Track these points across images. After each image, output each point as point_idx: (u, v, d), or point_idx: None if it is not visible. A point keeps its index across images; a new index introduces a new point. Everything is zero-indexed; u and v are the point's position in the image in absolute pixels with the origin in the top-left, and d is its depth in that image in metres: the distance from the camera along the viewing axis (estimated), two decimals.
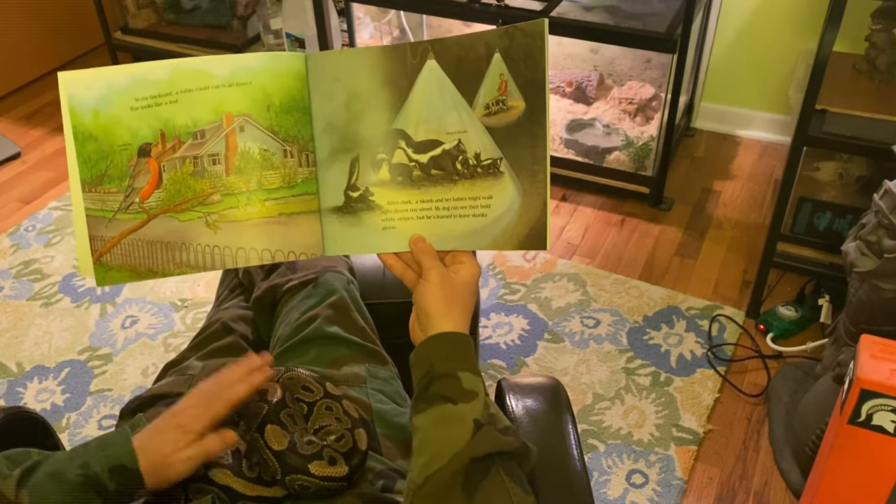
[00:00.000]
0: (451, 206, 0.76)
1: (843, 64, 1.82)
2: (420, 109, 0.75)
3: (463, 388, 0.70)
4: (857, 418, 1.20)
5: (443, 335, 0.73)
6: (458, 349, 0.73)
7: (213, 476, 0.76)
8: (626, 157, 2.28)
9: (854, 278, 1.44)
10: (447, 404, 0.70)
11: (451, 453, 0.67)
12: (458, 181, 0.75)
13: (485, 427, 0.68)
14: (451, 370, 0.71)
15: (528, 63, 0.71)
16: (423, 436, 0.70)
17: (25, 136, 2.70)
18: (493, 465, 0.67)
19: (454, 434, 0.68)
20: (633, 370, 1.77)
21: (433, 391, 0.71)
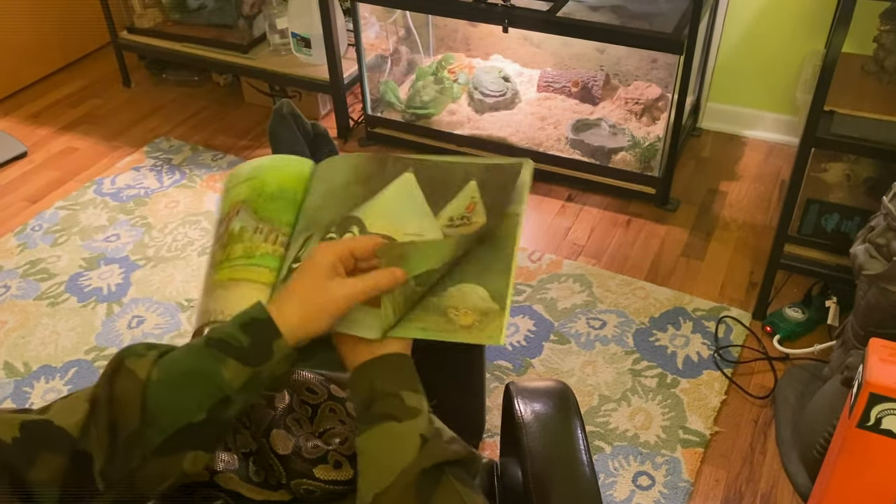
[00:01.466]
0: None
1: (851, 65, 1.81)
2: (383, 206, 0.81)
3: (406, 406, 0.69)
4: (866, 422, 1.19)
5: (381, 358, 0.72)
6: (397, 369, 0.72)
7: (219, 481, 0.76)
8: (632, 158, 2.27)
9: (863, 281, 1.43)
10: (391, 422, 0.68)
11: (400, 468, 0.66)
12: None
13: (431, 440, 0.68)
14: (392, 389, 0.70)
15: (501, 194, 0.77)
16: (368, 456, 0.69)
17: (32, 135, 2.71)
18: (442, 475, 0.67)
19: (401, 450, 0.67)
20: (639, 372, 1.77)
21: (375, 411, 0.69)
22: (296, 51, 2.56)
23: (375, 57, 2.56)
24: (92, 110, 2.85)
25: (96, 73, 3.07)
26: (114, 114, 2.83)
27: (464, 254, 0.77)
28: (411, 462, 0.66)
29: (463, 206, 0.78)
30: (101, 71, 3.08)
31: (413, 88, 2.55)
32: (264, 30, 2.65)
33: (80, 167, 2.54)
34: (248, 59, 2.62)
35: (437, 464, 0.67)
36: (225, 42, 2.67)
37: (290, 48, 2.59)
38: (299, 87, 2.65)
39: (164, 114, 2.82)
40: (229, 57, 2.64)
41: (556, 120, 2.41)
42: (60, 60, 3.07)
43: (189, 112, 2.83)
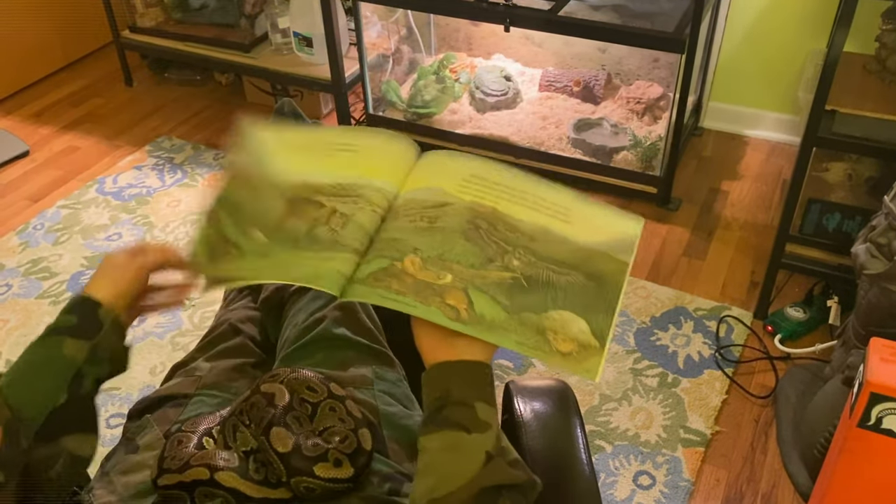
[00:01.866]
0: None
1: (853, 64, 1.81)
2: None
3: (478, 418, 0.69)
4: (867, 422, 1.19)
5: (462, 362, 0.71)
6: (476, 378, 0.71)
7: (219, 479, 0.76)
8: (634, 157, 2.27)
9: (864, 281, 1.43)
10: (461, 432, 0.69)
11: (462, 482, 0.66)
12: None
13: (495, 459, 0.68)
14: (467, 398, 0.70)
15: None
16: (431, 459, 0.69)
17: (34, 134, 2.71)
18: (499, 497, 0.67)
19: (464, 463, 0.67)
20: (640, 371, 1.77)
21: (446, 415, 0.69)
22: (298, 50, 2.57)
23: (377, 56, 2.56)
24: (94, 109, 2.86)
25: (98, 73, 3.07)
26: (116, 113, 2.83)
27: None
28: (472, 478, 0.66)
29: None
30: (103, 70, 3.08)
31: (415, 88, 2.55)
32: (266, 29, 2.65)
33: (81, 166, 2.55)
34: (250, 58, 2.62)
35: (498, 486, 0.67)
36: (227, 41, 2.67)
37: (292, 47, 2.59)
38: (301, 86, 2.65)
39: (166, 113, 2.82)
40: (231, 56, 2.64)
41: (558, 119, 2.41)
42: (62, 59, 3.08)
43: (191, 111, 2.83)
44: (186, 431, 0.83)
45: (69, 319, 0.77)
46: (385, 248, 0.75)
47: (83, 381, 0.76)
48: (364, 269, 0.75)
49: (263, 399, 0.81)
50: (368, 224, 0.77)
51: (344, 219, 0.77)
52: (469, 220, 0.75)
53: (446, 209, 0.76)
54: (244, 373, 1.02)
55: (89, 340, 0.76)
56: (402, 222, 0.77)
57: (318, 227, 0.77)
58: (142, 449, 0.89)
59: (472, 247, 0.74)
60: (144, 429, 0.92)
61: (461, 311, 0.71)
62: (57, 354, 0.75)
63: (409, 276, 0.73)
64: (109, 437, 1.65)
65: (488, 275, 0.72)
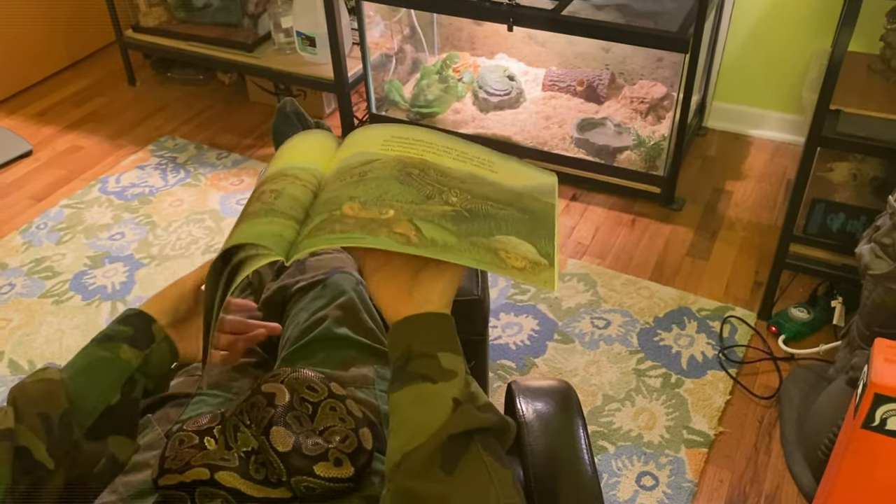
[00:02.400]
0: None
1: (857, 64, 1.80)
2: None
3: (442, 368, 0.68)
4: (871, 423, 1.19)
5: (421, 316, 0.70)
6: (437, 328, 0.70)
7: (219, 479, 0.76)
8: (638, 157, 2.26)
9: (868, 281, 1.42)
10: (425, 383, 0.68)
11: (430, 431, 0.66)
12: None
13: (463, 405, 0.67)
14: (429, 350, 0.69)
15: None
16: (400, 415, 0.69)
17: (37, 133, 2.71)
18: (471, 442, 0.66)
19: (432, 412, 0.67)
20: (643, 371, 1.76)
21: (411, 370, 0.69)
22: (300, 49, 2.56)
23: (380, 56, 2.56)
24: (97, 109, 2.86)
25: (101, 72, 3.08)
26: (119, 112, 2.84)
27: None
28: (440, 426, 0.66)
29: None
30: (107, 69, 3.08)
31: (417, 87, 2.54)
32: (269, 28, 2.65)
33: (84, 165, 2.55)
34: (252, 57, 2.62)
35: (468, 431, 0.66)
36: (230, 41, 2.67)
37: (295, 47, 2.59)
38: (304, 85, 2.65)
39: (169, 112, 2.83)
40: (234, 56, 2.64)
41: (561, 119, 2.40)
42: (66, 59, 3.08)
43: (194, 111, 2.84)
44: (188, 431, 0.83)
45: (125, 330, 0.82)
46: (320, 208, 0.73)
47: (135, 386, 0.80)
48: (304, 230, 0.73)
49: (264, 399, 0.81)
50: (301, 195, 0.75)
51: (275, 193, 0.76)
52: (400, 169, 0.73)
53: (374, 164, 0.74)
54: (245, 372, 1.02)
55: (143, 350, 0.81)
56: (334, 185, 0.75)
57: (252, 205, 0.77)
58: (143, 448, 0.89)
59: (408, 188, 0.72)
60: (146, 428, 0.92)
61: (411, 236, 0.70)
62: (116, 357, 0.79)
63: (350, 217, 0.71)
64: None
65: (430, 208, 0.71)
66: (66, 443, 0.73)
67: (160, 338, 0.83)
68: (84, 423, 0.75)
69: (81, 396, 0.76)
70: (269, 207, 0.75)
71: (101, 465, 0.76)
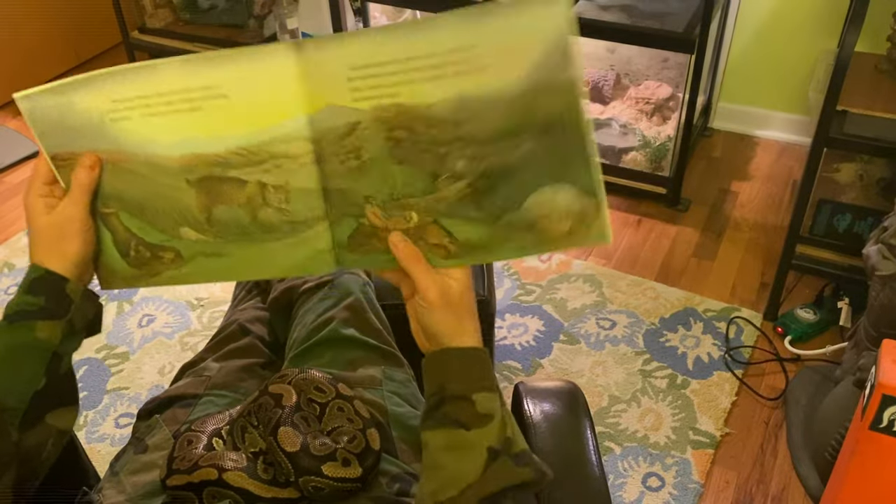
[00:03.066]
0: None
1: (864, 64, 1.80)
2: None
3: (477, 412, 0.66)
4: (879, 424, 1.18)
5: (455, 350, 0.68)
6: (472, 367, 0.68)
7: (227, 479, 0.76)
8: (643, 158, 2.26)
9: (875, 282, 1.42)
10: (460, 430, 0.66)
11: (464, 485, 0.65)
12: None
13: (500, 457, 0.65)
14: (464, 392, 0.67)
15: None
16: (434, 459, 0.68)
17: None
18: (504, 500, 0.66)
19: (467, 463, 0.65)
20: (649, 372, 1.76)
21: (445, 411, 0.67)
22: None
23: None
24: None
25: None
26: None
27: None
28: (475, 480, 0.65)
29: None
30: None
31: None
32: (275, 30, 2.66)
33: None
34: None
35: (503, 489, 0.66)
36: (235, 42, 2.67)
37: None
38: None
39: None
40: None
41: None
42: (73, 60, 3.09)
43: None
44: (196, 431, 0.83)
45: (35, 301, 0.71)
46: (342, 204, 0.68)
47: (62, 360, 0.73)
48: (339, 232, 0.69)
49: (271, 400, 0.81)
50: (308, 181, 0.67)
51: (281, 192, 0.68)
52: (386, 136, 0.63)
53: (358, 134, 0.64)
54: (253, 373, 1.02)
55: (62, 319, 0.72)
56: (335, 165, 0.66)
57: (261, 211, 0.69)
58: (151, 449, 0.89)
59: (409, 168, 0.64)
60: (153, 429, 0.92)
61: (447, 245, 0.67)
62: (30, 340, 0.71)
63: (381, 230, 0.68)
64: (118, 436, 1.66)
65: (445, 195, 0.65)
66: (6, 445, 0.68)
67: (79, 297, 0.73)
68: (15, 421, 0.70)
69: (3, 394, 0.70)
70: (289, 218, 0.69)
71: (48, 450, 0.73)
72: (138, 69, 0.66)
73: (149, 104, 0.67)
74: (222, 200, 0.70)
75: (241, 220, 0.70)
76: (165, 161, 0.68)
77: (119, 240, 0.75)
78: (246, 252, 0.72)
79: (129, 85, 0.67)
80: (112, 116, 0.68)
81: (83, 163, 0.71)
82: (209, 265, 0.74)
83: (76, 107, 0.69)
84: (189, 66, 0.64)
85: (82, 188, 0.72)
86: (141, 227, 0.74)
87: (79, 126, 0.69)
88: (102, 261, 0.77)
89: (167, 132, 0.67)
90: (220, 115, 0.65)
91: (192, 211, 0.71)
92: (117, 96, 0.68)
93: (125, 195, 0.72)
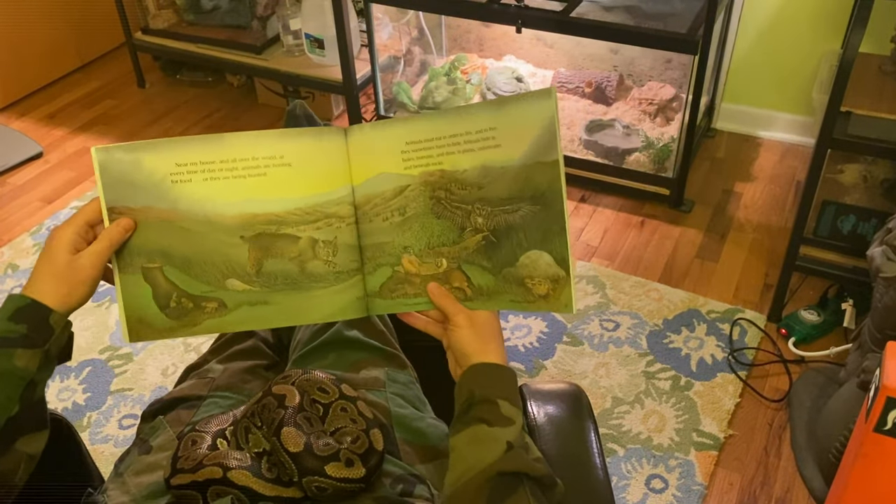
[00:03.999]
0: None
1: (868, 65, 1.79)
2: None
3: (501, 414, 0.73)
4: (883, 426, 1.18)
5: (484, 365, 0.76)
6: (498, 379, 0.76)
7: (231, 477, 0.76)
8: (646, 159, 2.26)
9: (879, 283, 1.42)
10: (482, 425, 0.72)
11: (482, 467, 0.69)
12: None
13: (517, 448, 0.70)
14: (490, 396, 0.74)
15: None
16: (457, 454, 0.73)
17: (47, 135, 2.73)
18: (520, 485, 0.69)
19: (486, 451, 0.70)
20: (652, 374, 1.76)
21: (472, 414, 0.74)
22: (309, 52, 2.57)
23: (388, 58, 2.56)
24: (107, 111, 2.87)
25: (111, 74, 3.09)
26: (129, 114, 2.85)
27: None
28: (492, 462, 0.69)
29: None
30: (116, 72, 3.10)
31: (426, 89, 2.54)
32: (278, 31, 2.66)
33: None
34: (261, 59, 2.63)
35: (518, 473, 0.70)
36: (239, 43, 2.67)
37: (304, 49, 2.59)
38: (312, 87, 2.65)
39: (179, 115, 2.84)
40: (243, 58, 2.65)
41: (570, 120, 2.40)
42: (76, 61, 3.10)
43: (203, 113, 2.84)
44: (200, 431, 0.83)
45: (18, 329, 0.72)
46: (379, 256, 0.81)
47: (36, 388, 0.74)
48: (372, 282, 0.82)
49: (275, 400, 0.81)
50: (351, 239, 0.81)
51: (330, 247, 0.80)
52: (430, 195, 0.79)
53: (407, 195, 0.80)
54: (257, 375, 1.02)
55: (41, 348, 0.73)
56: (378, 223, 0.81)
57: (310, 262, 0.81)
58: (155, 450, 0.89)
59: (445, 222, 0.79)
60: (157, 430, 0.92)
61: (465, 289, 0.80)
62: (8, 367, 0.71)
63: (414, 276, 0.81)
64: (122, 437, 1.66)
65: (468, 244, 0.79)
66: None
67: (59, 328, 0.75)
68: None
69: None
70: (334, 270, 0.81)
71: (21, 473, 0.73)
72: (205, 139, 0.78)
73: (212, 169, 0.78)
74: (274, 254, 0.81)
75: (290, 272, 0.81)
76: (222, 219, 0.79)
77: (160, 293, 0.81)
78: (289, 300, 0.82)
79: (195, 151, 0.78)
80: (174, 179, 0.78)
81: (119, 223, 0.78)
82: (253, 313, 0.82)
83: (143, 165, 0.77)
84: (259, 139, 0.78)
85: (111, 244, 0.77)
86: (185, 280, 0.81)
87: (141, 183, 0.78)
88: (137, 315, 0.82)
89: (227, 194, 0.78)
90: (282, 181, 0.79)
91: (243, 264, 0.81)
92: (182, 160, 0.77)
93: (173, 250, 0.80)
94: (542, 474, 0.71)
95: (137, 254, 0.80)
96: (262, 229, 0.80)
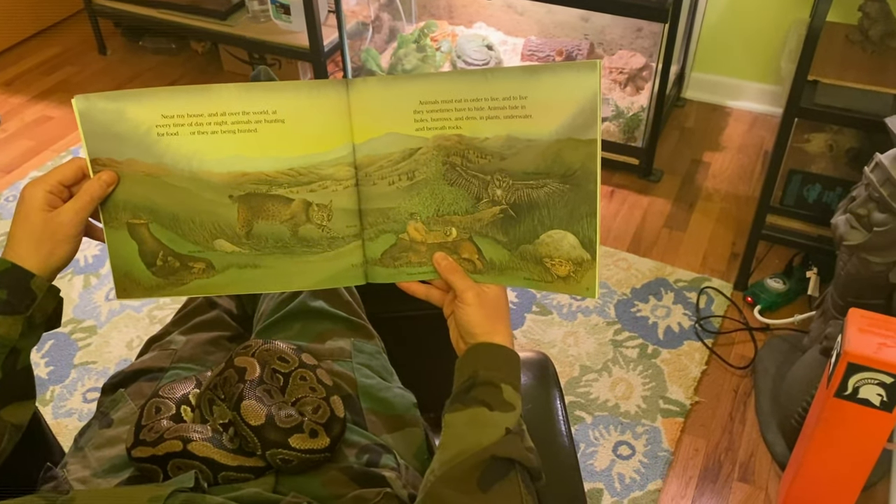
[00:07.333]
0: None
1: (835, 34, 1.80)
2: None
3: (503, 399, 0.72)
4: (844, 391, 1.20)
5: (491, 345, 0.74)
6: (504, 362, 0.74)
7: (192, 449, 0.75)
8: (616, 128, 2.25)
9: (843, 251, 1.43)
10: (483, 408, 0.71)
11: (479, 449, 0.68)
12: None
13: (514, 435, 0.70)
14: (494, 379, 0.73)
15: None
16: (453, 433, 0.72)
17: (4, 103, 2.65)
18: (512, 470, 0.69)
19: (484, 435, 0.69)
20: (620, 342, 1.77)
21: (473, 395, 0.72)
22: (275, 17, 2.51)
23: (356, 24, 2.52)
24: (67, 78, 2.79)
25: (71, 41, 3.00)
26: (89, 82, 2.77)
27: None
28: (488, 446, 0.69)
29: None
30: (76, 38, 3.01)
31: (395, 56, 2.51)
32: None
33: (54, 136, 2.49)
34: (226, 25, 2.57)
35: (511, 459, 0.69)
36: (202, 8, 2.61)
37: (270, 15, 2.54)
38: (279, 54, 2.60)
39: (142, 82, 2.77)
40: (207, 24, 2.58)
41: None
42: (33, 27, 3.00)
43: (167, 80, 2.78)
44: (163, 398, 0.82)
45: None
46: (382, 222, 0.77)
47: (19, 356, 0.71)
48: (372, 249, 0.78)
49: (235, 374, 0.80)
50: (349, 203, 0.76)
51: (324, 210, 0.76)
52: (443, 161, 0.74)
53: (417, 158, 0.74)
54: (220, 346, 1.00)
55: (22, 314, 0.70)
56: (382, 187, 0.76)
57: (302, 227, 0.77)
58: (116, 423, 0.87)
59: (459, 190, 0.75)
60: (118, 403, 0.91)
61: (476, 262, 0.77)
62: None
63: (420, 244, 0.77)
64: (86, 411, 1.63)
65: (483, 216, 0.75)
66: None
67: (43, 293, 0.71)
68: None
69: None
70: (329, 235, 0.77)
71: (4, 443, 0.71)
72: (192, 90, 0.72)
73: (199, 122, 0.73)
74: (264, 216, 0.77)
75: (282, 235, 0.77)
76: (209, 176, 0.75)
77: (146, 250, 0.78)
78: (281, 264, 0.79)
79: (182, 102, 0.72)
80: (160, 131, 0.73)
81: (100, 177, 0.74)
82: (242, 276, 0.79)
83: (126, 115, 0.73)
84: (249, 91, 0.72)
85: (92, 199, 0.74)
86: (172, 238, 0.78)
87: (125, 135, 0.74)
88: (124, 271, 0.79)
89: (215, 150, 0.74)
90: (273, 138, 0.74)
91: (232, 225, 0.77)
92: (168, 112, 0.73)
93: (159, 207, 0.76)
94: (534, 465, 0.71)
95: (123, 209, 0.76)
96: (252, 189, 0.75)
